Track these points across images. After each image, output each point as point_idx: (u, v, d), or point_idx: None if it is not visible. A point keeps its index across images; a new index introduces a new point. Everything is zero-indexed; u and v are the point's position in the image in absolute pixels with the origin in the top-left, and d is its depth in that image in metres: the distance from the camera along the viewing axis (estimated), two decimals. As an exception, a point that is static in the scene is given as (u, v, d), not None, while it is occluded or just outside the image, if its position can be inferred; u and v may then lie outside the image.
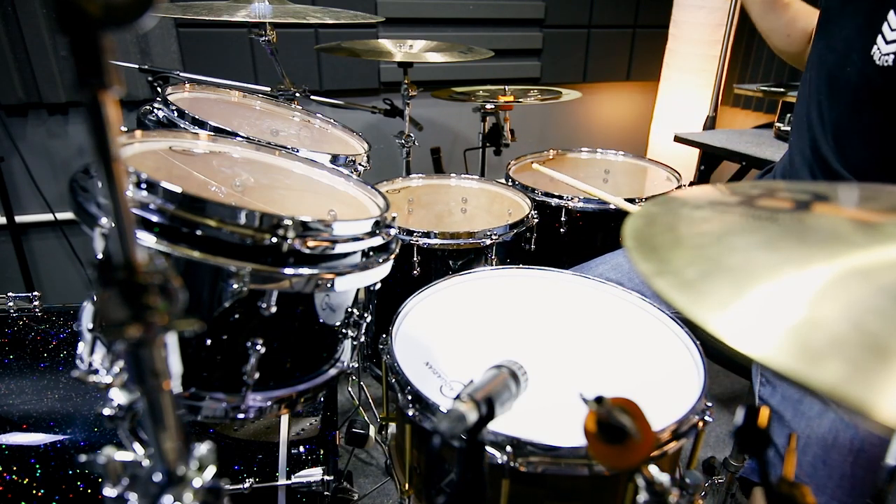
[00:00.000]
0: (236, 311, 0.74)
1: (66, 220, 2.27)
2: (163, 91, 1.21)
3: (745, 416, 0.50)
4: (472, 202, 1.81)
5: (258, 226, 0.70)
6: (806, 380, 0.31)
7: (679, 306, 0.38)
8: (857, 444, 0.93)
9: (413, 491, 0.93)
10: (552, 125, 3.04)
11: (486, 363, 0.66)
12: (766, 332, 0.35)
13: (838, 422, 0.95)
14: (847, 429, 0.94)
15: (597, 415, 0.54)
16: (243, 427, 1.09)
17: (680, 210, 0.54)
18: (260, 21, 1.52)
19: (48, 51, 2.00)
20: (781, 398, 1.04)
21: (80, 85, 0.33)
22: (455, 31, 2.58)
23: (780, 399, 1.04)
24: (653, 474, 0.54)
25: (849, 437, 0.93)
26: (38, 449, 0.95)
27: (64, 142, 2.20)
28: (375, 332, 1.58)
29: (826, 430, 0.96)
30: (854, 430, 0.93)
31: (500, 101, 2.10)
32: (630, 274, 1.40)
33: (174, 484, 0.46)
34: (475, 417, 0.55)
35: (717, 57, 2.56)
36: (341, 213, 1.05)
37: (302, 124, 1.51)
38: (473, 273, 1.20)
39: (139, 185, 0.68)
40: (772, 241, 0.45)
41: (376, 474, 1.79)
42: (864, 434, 0.93)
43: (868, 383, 0.30)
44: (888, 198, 0.52)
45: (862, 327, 0.34)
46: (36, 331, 1.11)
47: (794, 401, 1.02)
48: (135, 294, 0.38)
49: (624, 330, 1.05)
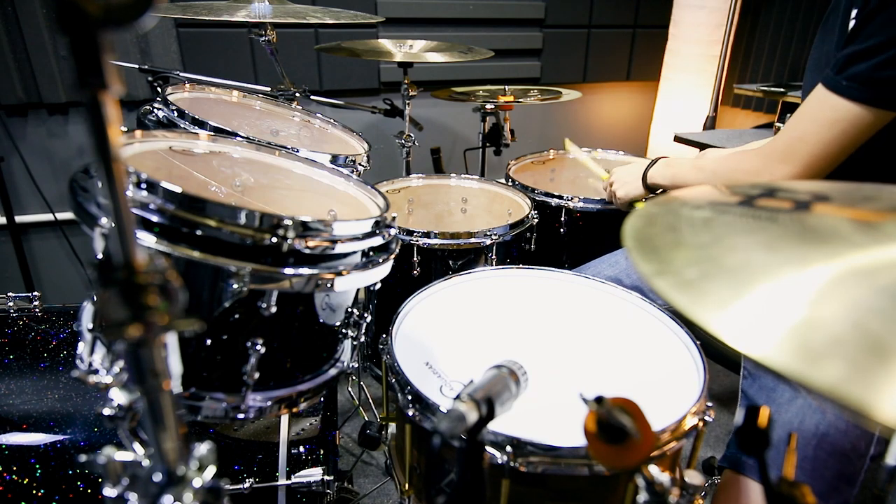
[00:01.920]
0: (236, 311, 0.74)
1: (66, 220, 2.27)
2: (163, 91, 1.21)
3: (745, 416, 0.50)
4: (472, 202, 1.81)
5: (258, 226, 0.70)
6: (806, 380, 0.31)
7: (679, 306, 0.38)
8: (823, 428, 0.94)
9: (413, 491, 0.93)
10: (552, 125, 3.04)
11: (486, 363, 0.66)
12: (766, 332, 0.35)
13: (806, 407, 0.98)
14: (814, 413, 0.96)
15: (597, 415, 0.54)
16: (243, 427, 1.09)
17: (680, 210, 0.54)
18: (260, 21, 1.52)
19: (48, 51, 2.00)
20: (758, 388, 1.06)
21: (80, 85, 0.33)
22: (455, 31, 2.58)
23: (758, 389, 1.07)
24: (653, 474, 0.54)
25: (814, 421, 0.95)
26: (38, 449, 0.95)
27: (64, 142, 2.20)
28: (375, 332, 1.58)
29: (793, 414, 0.98)
30: (821, 415, 0.95)
31: (500, 101, 2.10)
32: (628, 270, 1.40)
33: (174, 484, 0.46)
34: (475, 417, 0.55)
35: (717, 57, 2.56)
36: (341, 213, 1.05)
37: (302, 124, 1.51)
38: (473, 273, 1.20)
39: (139, 185, 0.68)
40: (772, 241, 0.45)
41: (376, 474, 1.79)
42: (831, 419, 0.95)
43: (868, 383, 0.30)
44: (888, 198, 0.52)
45: (862, 327, 0.34)
46: (36, 331, 1.11)
47: (768, 389, 1.04)
48: (135, 294, 0.38)
49: (624, 330, 1.05)
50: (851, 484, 0.95)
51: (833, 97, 0.96)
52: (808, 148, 1.02)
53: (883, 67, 0.90)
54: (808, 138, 1.02)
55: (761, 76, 2.82)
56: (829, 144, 0.99)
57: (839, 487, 0.95)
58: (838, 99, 0.95)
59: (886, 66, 0.90)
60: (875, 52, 0.90)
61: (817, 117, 1.00)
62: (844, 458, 0.94)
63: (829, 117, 0.98)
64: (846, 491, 0.95)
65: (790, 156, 1.05)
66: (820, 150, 1.01)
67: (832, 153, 1.00)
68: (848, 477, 0.95)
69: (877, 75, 0.91)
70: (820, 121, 0.99)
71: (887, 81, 0.90)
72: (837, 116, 0.96)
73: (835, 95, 0.96)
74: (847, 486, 0.95)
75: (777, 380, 1.04)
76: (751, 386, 1.09)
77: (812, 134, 1.01)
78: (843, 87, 0.95)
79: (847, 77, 0.94)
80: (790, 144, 1.05)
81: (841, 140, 0.98)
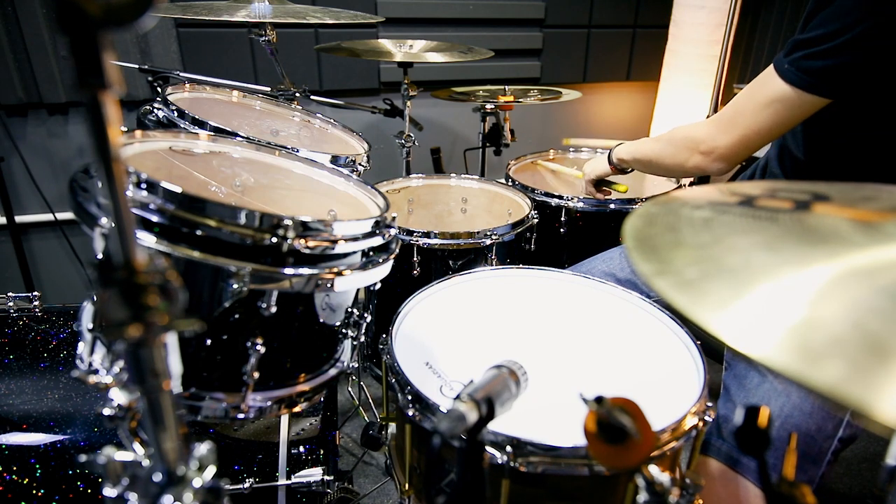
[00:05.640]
0: (236, 311, 0.74)
1: (66, 220, 2.27)
2: (163, 91, 1.21)
3: (745, 416, 0.50)
4: (472, 202, 1.81)
5: (258, 226, 0.70)
6: (806, 380, 0.31)
7: (679, 306, 0.38)
8: (787, 410, 0.98)
9: (413, 491, 0.93)
10: (552, 125, 3.04)
11: (486, 363, 0.66)
12: (766, 332, 0.35)
13: (771, 390, 1.01)
14: (779, 396, 0.99)
15: (597, 415, 0.54)
16: (243, 427, 1.09)
17: (680, 210, 0.54)
18: (260, 21, 1.52)
19: (48, 51, 2.00)
20: (733, 376, 1.09)
21: (80, 85, 0.33)
22: (455, 31, 2.58)
23: (732, 377, 1.09)
24: (653, 474, 0.54)
25: (779, 404, 0.99)
26: (38, 449, 0.95)
27: (64, 142, 2.20)
28: (375, 332, 1.58)
29: (759, 397, 1.01)
30: (785, 398, 0.99)
31: (500, 101, 2.10)
32: (622, 265, 1.41)
33: (174, 484, 0.46)
34: (475, 417, 0.55)
35: (717, 57, 2.55)
36: (341, 213, 1.05)
37: (302, 124, 1.51)
38: (473, 273, 1.20)
39: (139, 185, 0.68)
40: (772, 241, 0.45)
41: (376, 474, 1.79)
42: (795, 401, 0.98)
43: (868, 383, 0.30)
44: (888, 198, 0.52)
45: (862, 327, 0.34)
46: (36, 331, 1.11)
47: (740, 377, 1.07)
48: (135, 294, 0.38)
49: (624, 330, 1.05)
50: (817, 464, 0.98)
51: (775, 78, 1.01)
52: (746, 121, 1.09)
53: (818, 56, 0.95)
54: (747, 113, 1.08)
55: (761, 76, 2.82)
56: (764, 121, 1.06)
57: (803, 466, 0.98)
58: (778, 80, 1.01)
59: (822, 55, 0.94)
60: (815, 42, 0.95)
61: (758, 94, 1.06)
62: (809, 439, 0.97)
63: (768, 96, 1.03)
64: (811, 470, 0.98)
65: (731, 127, 1.12)
66: (754, 125, 1.07)
67: (765, 130, 1.07)
68: (813, 457, 0.98)
69: (811, 64, 0.96)
70: (759, 98, 1.05)
71: (821, 70, 0.95)
72: (774, 97, 1.02)
73: (776, 77, 1.01)
74: (812, 465, 0.98)
75: (748, 366, 1.07)
76: (727, 376, 1.12)
77: (750, 110, 1.07)
78: (784, 70, 1.00)
79: (790, 61, 0.99)
80: (733, 117, 1.12)
81: (774, 118, 1.04)
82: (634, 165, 1.47)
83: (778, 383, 1.01)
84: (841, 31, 0.91)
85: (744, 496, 0.97)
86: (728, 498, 0.98)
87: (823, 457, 0.98)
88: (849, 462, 1.88)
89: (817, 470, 0.98)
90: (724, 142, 1.13)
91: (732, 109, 1.12)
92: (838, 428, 0.97)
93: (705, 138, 1.17)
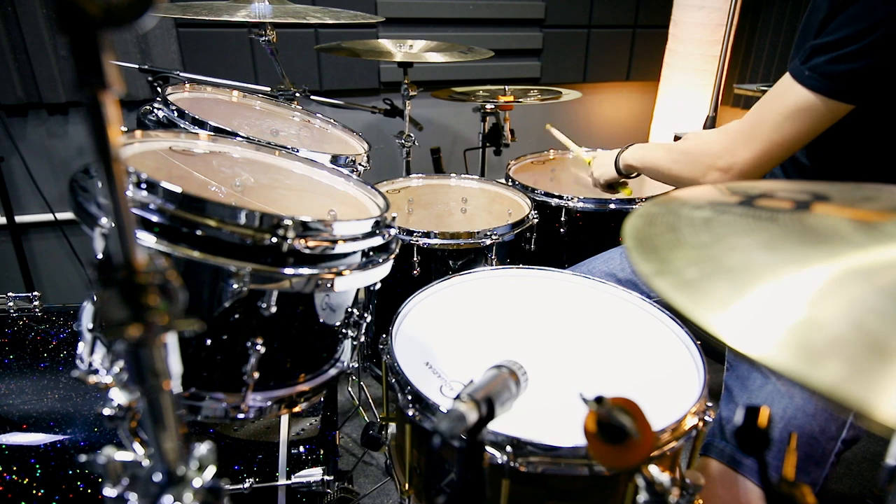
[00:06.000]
0: (236, 311, 0.74)
1: (66, 220, 2.27)
2: (163, 91, 1.21)
3: (745, 416, 0.50)
4: (472, 202, 1.81)
5: (258, 226, 0.70)
6: (806, 380, 0.31)
7: (679, 306, 0.38)
8: (790, 412, 0.97)
9: (413, 491, 0.93)
10: (552, 125, 3.04)
11: (486, 363, 0.65)
12: (766, 332, 0.35)
13: (774, 392, 1.00)
14: (782, 398, 0.98)
15: (597, 415, 0.54)
16: (243, 427, 1.09)
17: (680, 210, 0.54)
18: (260, 21, 1.52)
19: (48, 51, 2.00)
20: (736, 377, 1.08)
21: (80, 85, 0.33)
22: (455, 31, 2.58)
23: (735, 378, 1.09)
24: (653, 474, 0.54)
25: (782, 405, 0.98)
26: (38, 449, 0.95)
27: (64, 142, 2.20)
28: (375, 332, 1.58)
29: (762, 399, 1.00)
30: (788, 399, 0.98)
31: (500, 101, 2.10)
32: (622, 265, 1.41)
33: (174, 484, 0.46)
34: (475, 417, 0.55)
35: (717, 57, 2.55)
36: (341, 213, 1.05)
37: (302, 124, 1.51)
38: (473, 273, 1.20)
39: (139, 185, 0.68)
40: (772, 241, 0.45)
41: (376, 474, 1.79)
42: (798, 403, 0.97)
43: (868, 383, 0.30)
44: (888, 198, 0.52)
45: (862, 327, 0.34)
46: (36, 331, 1.11)
47: (743, 378, 1.06)
48: (135, 294, 0.38)
49: (624, 330, 1.05)
50: (820, 466, 0.97)
51: (796, 86, 0.98)
52: (767, 134, 1.04)
53: (842, 60, 0.92)
54: (767, 124, 1.03)
55: (761, 76, 2.82)
56: (787, 131, 1.01)
57: (806, 468, 0.97)
58: (800, 88, 0.97)
59: (846, 59, 0.91)
60: (837, 45, 0.92)
61: (779, 104, 1.02)
62: (812, 441, 0.96)
63: (790, 105, 0.99)
64: (815, 472, 0.97)
65: (750, 140, 1.07)
66: (777, 136, 1.03)
67: (788, 140, 1.02)
68: (816, 459, 0.97)
69: (836, 68, 0.93)
70: (780, 108, 1.01)
71: (845, 74, 0.92)
72: (797, 105, 0.98)
73: (797, 84, 0.98)
74: (816, 467, 0.97)
75: (751, 368, 1.06)
76: (729, 377, 1.11)
77: (772, 120, 1.03)
78: (804, 77, 0.96)
79: (810, 67, 0.96)
80: (752, 128, 1.07)
81: (798, 128, 1.00)
82: (644, 173, 1.43)
83: (781, 385, 1.00)
84: (865, 32, 0.88)
85: (745, 498, 0.96)
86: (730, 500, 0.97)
87: (827, 459, 0.97)
88: (849, 462, 1.88)
89: (821, 472, 0.97)
90: (745, 156, 1.07)
91: (751, 122, 1.07)
92: (841, 430, 0.97)
93: (722, 153, 1.11)
